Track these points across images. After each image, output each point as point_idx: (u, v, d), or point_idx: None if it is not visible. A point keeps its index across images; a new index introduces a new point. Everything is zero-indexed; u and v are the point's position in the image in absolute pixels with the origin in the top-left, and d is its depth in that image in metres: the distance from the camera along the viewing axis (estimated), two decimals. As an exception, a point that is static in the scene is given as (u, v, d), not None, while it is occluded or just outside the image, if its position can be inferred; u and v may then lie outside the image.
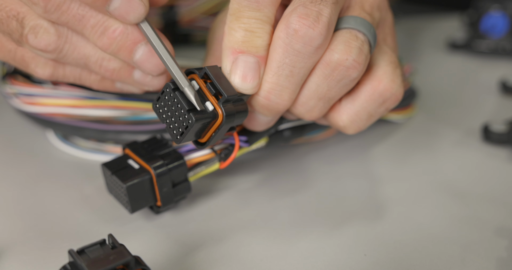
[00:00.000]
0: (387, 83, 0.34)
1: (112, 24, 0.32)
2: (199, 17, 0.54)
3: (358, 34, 0.32)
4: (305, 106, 0.34)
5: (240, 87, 0.32)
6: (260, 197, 0.37)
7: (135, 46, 0.33)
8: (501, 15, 0.54)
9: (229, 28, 0.32)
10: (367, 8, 0.34)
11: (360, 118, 0.35)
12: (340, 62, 0.32)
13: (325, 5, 0.31)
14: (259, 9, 0.31)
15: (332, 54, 0.32)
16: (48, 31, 0.33)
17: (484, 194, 0.38)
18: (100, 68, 0.34)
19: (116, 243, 0.27)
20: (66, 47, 0.33)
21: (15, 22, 0.33)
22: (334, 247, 0.33)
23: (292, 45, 0.31)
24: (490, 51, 0.56)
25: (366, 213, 0.36)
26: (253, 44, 0.31)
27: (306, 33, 0.31)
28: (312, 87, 0.33)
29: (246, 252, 0.33)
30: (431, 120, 0.46)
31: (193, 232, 0.34)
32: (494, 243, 0.34)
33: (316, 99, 0.33)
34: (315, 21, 0.31)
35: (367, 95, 0.34)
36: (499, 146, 0.42)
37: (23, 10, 0.33)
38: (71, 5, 0.32)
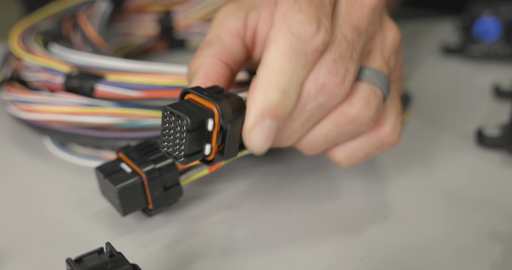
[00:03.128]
0: (389, 131, 0.35)
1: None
2: (195, 23, 0.55)
3: (378, 91, 0.33)
4: (309, 146, 0.34)
5: (254, 147, 0.31)
6: (254, 202, 0.38)
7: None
8: (493, 20, 0.55)
9: (264, 85, 0.30)
10: (386, 55, 0.35)
11: (356, 156, 0.36)
12: (357, 117, 0.33)
13: (352, 62, 0.32)
14: (304, 66, 0.31)
15: (351, 108, 0.33)
16: None
17: (478, 198, 0.38)
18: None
19: (114, 251, 0.27)
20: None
21: None
22: (330, 253, 0.33)
23: (316, 97, 0.31)
24: (483, 56, 0.56)
25: (362, 218, 0.36)
26: (285, 109, 0.31)
27: (332, 90, 0.31)
28: (322, 131, 0.33)
29: (243, 258, 0.33)
30: (425, 124, 0.47)
31: (191, 238, 0.34)
32: (489, 247, 0.34)
33: (323, 142, 0.34)
34: (343, 79, 0.31)
35: (368, 138, 0.35)
36: (493, 150, 0.43)
37: None
38: None
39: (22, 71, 0.44)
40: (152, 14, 0.55)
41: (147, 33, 0.55)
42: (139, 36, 0.55)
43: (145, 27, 0.55)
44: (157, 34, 0.55)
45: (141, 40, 0.55)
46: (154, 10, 0.55)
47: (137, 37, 0.55)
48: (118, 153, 0.35)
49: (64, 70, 0.41)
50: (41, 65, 0.42)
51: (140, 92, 0.38)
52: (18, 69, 0.45)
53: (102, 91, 0.39)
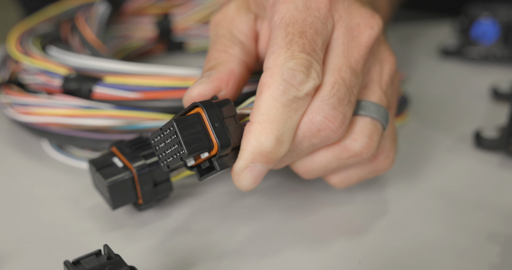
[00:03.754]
0: (383, 159, 0.36)
1: None
2: (193, 25, 0.55)
3: (379, 126, 0.34)
4: (308, 173, 0.35)
5: (241, 188, 0.32)
6: (248, 202, 0.38)
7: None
8: (491, 22, 0.55)
9: (258, 131, 0.31)
10: (384, 87, 0.35)
11: (350, 181, 0.36)
12: (360, 153, 0.34)
13: (350, 107, 0.32)
14: (296, 111, 0.31)
15: (354, 144, 0.33)
16: None
17: (476, 200, 0.38)
18: None
19: (111, 253, 0.27)
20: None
21: None
22: (329, 255, 0.33)
23: (310, 139, 0.32)
24: (481, 58, 0.56)
25: (360, 220, 0.36)
26: (277, 155, 0.31)
27: (327, 135, 0.32)
28: (323, 162, 0.34)
29: (240, 259, 0.33)
30: (423, 126, 0.47)
31: (188, 240, 0.34)
32: (487, 249, 0.34)
33: (322, 171, 0.35)
34: (340, 125, 0.32)
35: (363, 166, 0.36)
36: (491, 152, 0.43)
37: None
38: None
39: (20, 74, 0.44)
40: (151, 16, 0.55)
41: (145, 36, 0.55)
42: (137, 39, 0.55)
43: (143, 29, 0.55)
44: (155, 36, 0.55)
45: (139, 42, 0.55)
46: (152, 13, 0.55)
47: (135, 40, 0.55)
48: (111, 147, 0.36)
49: (62, 72, 0.41)
50: (39, 67, 0.42)
51: (138, 93, 0.38)
52: (16, 72, 0.45)
53: (100, 93, 0.39)
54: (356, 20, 0.33)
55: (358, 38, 0.33)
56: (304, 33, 0.31)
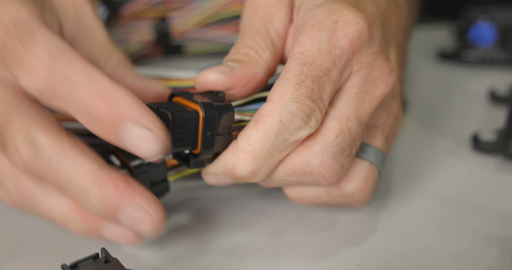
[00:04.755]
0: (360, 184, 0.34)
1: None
2: (191, 28, 0.55)
3: (375, 171, 0.34)
4: (297, 199, 0.35)
5: (206, 182, 0.34)
6: (249, 206, 0.38)
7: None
8: (488, 25, 0.55)
9: (239, 158, 0.31)
10: (386, 133, 0.35)
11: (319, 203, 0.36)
12: (351, 195, 0.34)
13: (349, 158, 0.32)
14: (282, 152, 0.31)
15: (348, 185, 0.34)
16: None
17: (474, 203, 0.38)
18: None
19: (109, 257, 0.27)
20: (29, 210, 0.32)
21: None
22: (327, 258, 0.33)
23: (301, 177, 0.32)
24: (478, 61, 0.56)
25: (358, 223, 0.36)
26: (247, 181, 0.33)
27: (318, 179, 0.32)
28: (313, 194, 0.34)
29: (239, 264, 0.33)
30: (421, 129, 0.47)
31: (186, 243, 0.34)
32: (485, 251, 0.34)
33: (310, 202, 0.35)
34: (333, 175, 0.32)
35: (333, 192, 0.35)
36: (489, 155, 0.43)
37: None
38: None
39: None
40: (148, 20, 0.55)
41: (143, 39, 0.55)
42: (135, 42, 0.55)
43: (141, 33, 0.55)
44: (153, 40, 0.55)
45: (137, 46, 0.55)
46: (150, 16, 0.55)
47: (133, 43, 0.55)
48: (108, 145, 0.35)
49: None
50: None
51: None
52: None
53: (97, 97, 0.39)
54: (374, 74, 0.33)
55: (372, 92, 0.33)
56: (317, 78, 0.31)
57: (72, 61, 0.28)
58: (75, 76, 0.28)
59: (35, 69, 0.28)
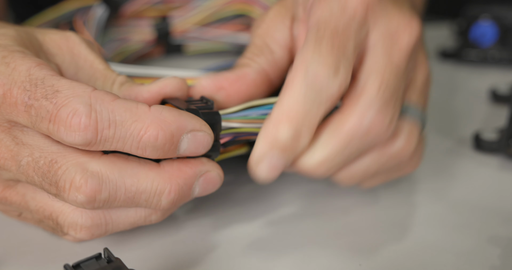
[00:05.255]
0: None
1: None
2: (191, 28, 0.55)
3: (418, 126, 0.34)
4: (346, 179, 0.34)
5: (259, 178, 0.32)
6: (250, 206, 0.37)
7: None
8: (490, 24, 0.55)
9: (279, 121, 0.31)
10: (420, 89, 0.35)
11: (379, 182, 0.37)
12: (399, 154, 0.33)
13: (397, 109, 0.32)
14: (319, 107, 0.31)
15: (394, 144, 0.33)
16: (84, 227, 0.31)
17: (476, 203, 0.38)
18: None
19: (112, 256, 0.27)
20: (109, 227, 0.32)
21: (50, 221, 0.32)
22: (329, 257, 0.33)
23: (360, 140, 0.32)
24: (479, 60, 0.56)
25: (360, 222, 0.36)
26: (292, 151, 0.31)
27: (378, 135, 0.32)
28: (362, 167, 0.34)
29: (242, 263, 0.33)
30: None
31: (188, 243, 0.34)
32: (488, 251, 0.34)
33: (360, 177, 0.34)
34: (389, 125, 0.32)
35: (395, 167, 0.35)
36: (491, 154, 0.43)
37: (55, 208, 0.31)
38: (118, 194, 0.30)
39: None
40: (149, 19, 0.55)
41: (143, 39, 0.55)
42: (136, 42, 0.55)
43: (141, 32, 0.55)
44: (153, 39, 0.54)
45: (138, 45, 0.55)
46: (150, 16, 0.55)
47: (133, 43, 0.55)
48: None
49: (61, 75, 0.41)
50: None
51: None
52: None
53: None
54: (393, 26, 0.33)
55: (397, 42, 0.33)
56: (336, 34, 0.31)
57: (106, 102, 0.28)
58: (118, 116, 0.28)
59: (75, 124, 0.27)
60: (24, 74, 0.29)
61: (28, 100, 0.28)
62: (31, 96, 0.28)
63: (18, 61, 0.29)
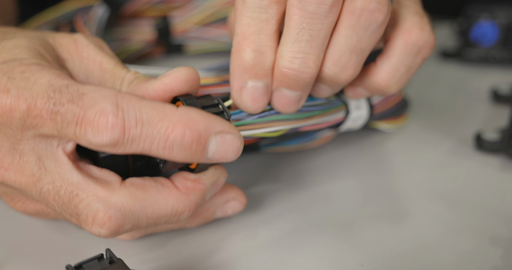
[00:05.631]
0: (418, 32, 0.34)
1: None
2: (192, 27, 0.55)
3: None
4: (338, 64, 0.33)
5: (250, 109, 0.32)
6: (252, 207, 0.37)
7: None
8: (490, 24, 0.55)
9: (236, 49, 0.31)
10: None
11: (399, 73, 0.35)
12: (364, 7, 0.31)
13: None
14: (268, 20, 0.31)
15: (354, 1, 0.31)
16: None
17: (478, 203, 0.38)
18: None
19: (114, 257, 0.27)
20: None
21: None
22: (331, 258, 0.33)
23: (305, 8, 0.30)
24: (480, 60, 0.56)
25: (362, 223, 0.36)
26: (263, 67, 0.31)
27: (373, 12, 0.31)
28: (341, 41, 0.32)
29: (243, 264, 0.33)
30: (423, 129, 0.47)
31: (190, 244, 0.34)
32: (489, 252, 0.34)
33: (349, 53, 0.32)
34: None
35: (401, 48, 0.34)
36: (492, 154, 0.43)
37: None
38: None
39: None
40: (149, 19, 0.55)
41: (144, 38, 0.55)
42: (136, 41, 0.55)
43: (142, 32, 0.55)
44: (154, 39, 0.54)
45: (138, 45, 0.55)
46: (151, 15, 0.55)
47: (134, 43, 0.55)
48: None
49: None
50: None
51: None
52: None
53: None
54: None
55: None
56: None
57: (133, 101, 0.28)
58: (145, 114, 0.28)
59: (102, 123, 0.27)
60: (46, 85, 0.29)
61: (53, 107, 0.28)
62: (56, 102, 0.28)
63: (38, 74, 0.29)
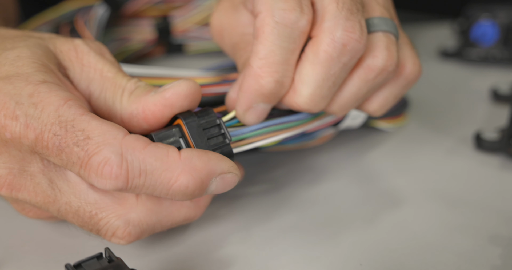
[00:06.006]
0: (411, 67, 0.36)
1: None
2: (192, 27, 0.55)
3: (391, 36, 0.34)
4: (342, 108, 0.35)
5: (250, 123, 0.33)
6: (251, 205, 0.38)
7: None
8: (491, 24, 0.55)
9: (256, 74, 0.31)
10: (381, 1, 0.35)
11: (388, 102, 0.37)
12: (384, 67, 0.33)
13: (361, 14, 0.32)
14: (294, 51, 0.32)
15: (376, 60, 0.33)
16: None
17: (477, 202, 0.38)
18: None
19: (113, 256, 0.27)
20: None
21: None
22: (330, 257, 0.33)
23: (339, 58, 0.32)
24: (480, 59, 0.56)
25: (361, 222, 0.36)
26: (279, 95, 0.33)
27: (354, 46, 0.31)
28: (353, 90, 0.34)
29: (242, 264, 0.33)
30: (423, 128, 0.47)
31: (189, 243, 0.34)
32: (488, 251, 0.34)
33: (354, 101, 0.34)
34: (361, 33, 0.32)
35: (394, 82, 0.36)
36: (492, 154, 0.43)
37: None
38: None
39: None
40: (150, 19, 0.55)
41: (144, 38, 0.55)
42: (137, 41, 0.55)
43: (142, 32, 0.55)
44: (154, 39, 0.55)
45: (139, 45, 0.55)
46: (151, 15, 0.55)
47: (134, 42, 0.55)
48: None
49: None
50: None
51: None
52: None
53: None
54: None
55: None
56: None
57: (137, 151, 0.28)
58: (148, 165, 0.28)
59: (106, 173, 0.28)
60: (53, 116, 0.28)
61: (59, 145, 0.28)
62: (62, 141, 0.28)
63: (45, 99, 0.29)
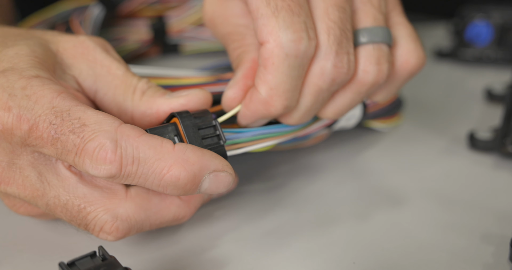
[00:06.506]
0: (415, 61, 0.36)
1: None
2: (188, 27, 0.55)
3: (382, 46, 0.34)
4: (338, 115, 0.35)
5: (244, 125, 0.34)
6: (245, 204, 0.38)
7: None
8: (485, 24, 0.55)
9: (267, 101, 0.32)
10: (376, 3, 0.34)
11: (392, 93, 0.37)
12: (376, 82, 0.34)
13: (349, 42, 0.32)
14: (301, 77, 0.32)
15: (367, 76, 0.33)
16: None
17: (470, 201, 0.38)
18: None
19: (106, 254, 0.27)
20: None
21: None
22: (323, 255, 0.34)
23: (328, 89, 0.33)
24: (475, 60, 0.56)
25: (354, 221, 0.37)
26: (282, 115, 0.34)
27: (343, 79, 0.32)
28: (346, 102, 0.35)
29: (236, 262, 0.33)
30: (417, 128, 0.47)
31: (183, 242, 0.34)
32: (481, 249, 0.34)
33: (349, 108, 0.35)
34: (349, 66, 0.32)
35: (398, 78, 0.36)
36: (485, 153, 0.43)
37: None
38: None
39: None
40: (145, 19, 0.55)
41: (140, 38, 0.55)
42: (132, 41, 0.55)
43: (138, 32, 0.55)
44: (150, 39, 0.55)
45: (134, 45, 0.55)
46: (147, 15, 0.55)
47: (130, 42, 0.55)
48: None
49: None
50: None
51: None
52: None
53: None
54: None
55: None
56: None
57: (132, 139, 0.28)
58: (142, 153, 0.28)
59: (101, 158, 0.28)
60: (48, 107, 0.28)
61: (54, 134, 0.28)
62: (58, 130, 0.28)
63: (39, 92, 0.29)
